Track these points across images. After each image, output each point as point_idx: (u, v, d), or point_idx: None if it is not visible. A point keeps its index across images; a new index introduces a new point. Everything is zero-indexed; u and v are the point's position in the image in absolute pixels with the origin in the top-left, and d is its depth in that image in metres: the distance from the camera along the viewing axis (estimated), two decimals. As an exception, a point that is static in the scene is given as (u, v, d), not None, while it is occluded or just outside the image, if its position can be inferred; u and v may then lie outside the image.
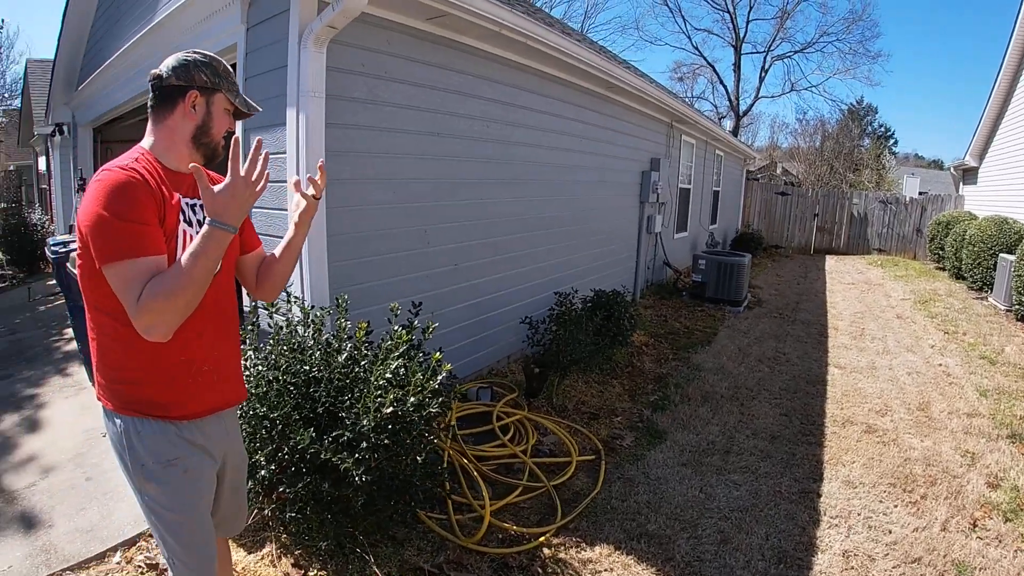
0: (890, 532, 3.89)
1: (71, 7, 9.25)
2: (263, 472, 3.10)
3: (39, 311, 10.02)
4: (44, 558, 3.43)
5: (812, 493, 4.38)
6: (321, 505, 3.15)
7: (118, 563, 3.43)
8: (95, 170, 10.03)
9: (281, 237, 2.21)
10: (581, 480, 4.54)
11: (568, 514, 4.00)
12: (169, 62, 1.93)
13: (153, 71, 1.94)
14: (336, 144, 4.22)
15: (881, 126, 48.42)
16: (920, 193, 20.57)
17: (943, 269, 15.36)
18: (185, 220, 1.92)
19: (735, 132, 34.57)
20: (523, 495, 4.22)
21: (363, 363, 3.30)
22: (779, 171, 37.12)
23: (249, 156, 1.73)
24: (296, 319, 3.64)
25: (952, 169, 19.61)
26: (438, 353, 3.44)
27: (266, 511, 3.47)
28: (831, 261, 18.26)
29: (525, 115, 6.41)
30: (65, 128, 11.19)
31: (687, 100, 36.03)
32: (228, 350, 2.14)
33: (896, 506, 4.22)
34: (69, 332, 8.09)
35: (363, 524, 3.32)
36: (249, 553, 3.41)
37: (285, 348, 3.37)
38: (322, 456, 2.95)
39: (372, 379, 3.13)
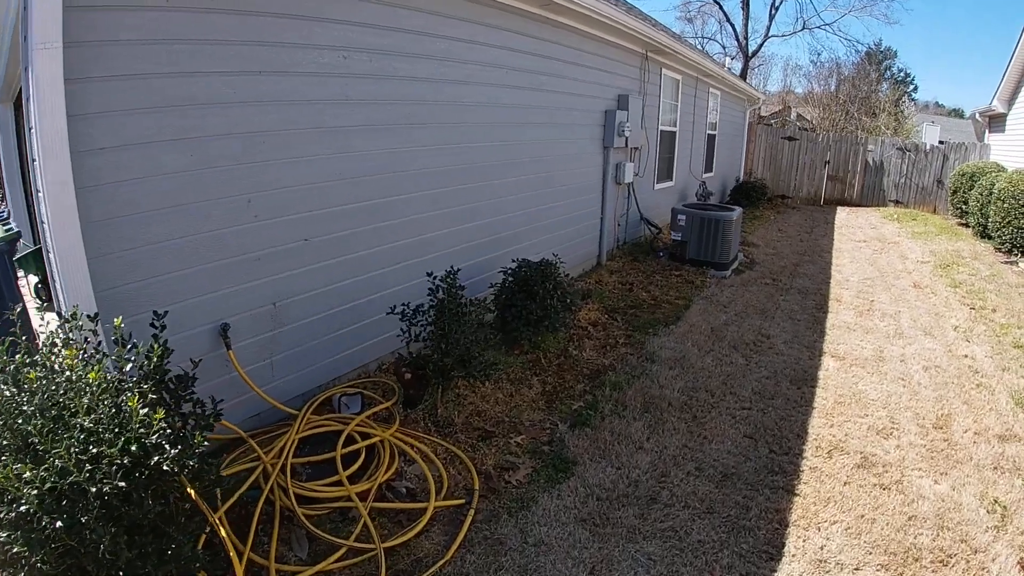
0: None
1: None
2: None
3: None
4: None
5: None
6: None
7: None
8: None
9: None
10: (433, 538, 3.19)
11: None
12: None
13: None
14: (86, 105, 2.96)
15: (901, 70, 45.80)
16: (940, 143, 18.45)
17: (966, 225, 13.48)
18: None
19: (743, 74, 32.05)
20: (343, 561, 2.97)
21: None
22: (793, 116, 34.96)
23: None
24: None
25: (977, 115, 17.61)
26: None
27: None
28: (842, 214, 16.41)
29: (411, 41, 4.80)
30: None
31: (696, 41, 33.83)
32: None
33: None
34: None
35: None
36: None
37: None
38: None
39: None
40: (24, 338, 2.32)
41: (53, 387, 2.21)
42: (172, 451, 2.20)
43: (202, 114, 3.46)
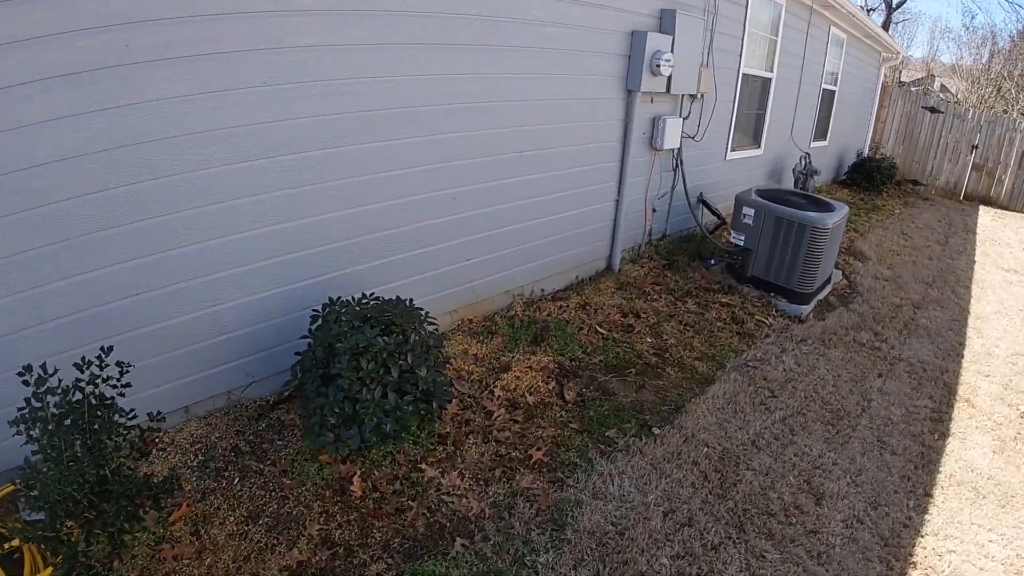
0: None
1: None
2: None
3: None
4: None
5: None
6: None
7: None
8: None
9: None
10: None
11: None
12: None
13: None
14: None
15: (1059, 48, 39.45)
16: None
17: None
18: None
19: (885, 28, 27.35)
20: None
21: None
22: (937, 87, 29.89)
23: None
24: None
25: None
26: None
27: None
28: (986, 217, 12.58)
29: None
30: None
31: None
32: None
33: None
34: None
35: None
36: None
37: None
38: None
39: None
40: None
41: None
42: None
43: None
